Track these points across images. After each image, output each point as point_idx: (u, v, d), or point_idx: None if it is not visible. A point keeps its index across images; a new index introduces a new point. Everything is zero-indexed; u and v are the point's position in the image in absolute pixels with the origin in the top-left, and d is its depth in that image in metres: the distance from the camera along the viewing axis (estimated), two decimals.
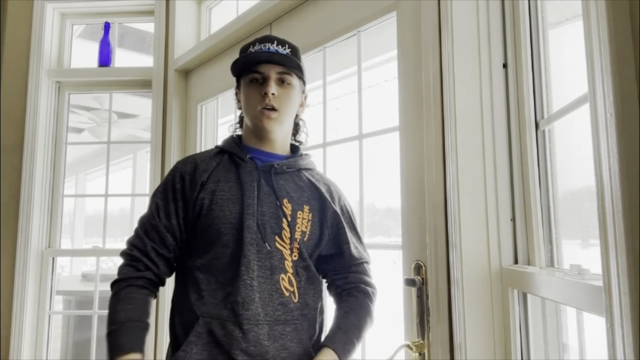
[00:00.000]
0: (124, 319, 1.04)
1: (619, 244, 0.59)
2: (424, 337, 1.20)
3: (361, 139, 1.51)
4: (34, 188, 2.33)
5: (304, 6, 1.73)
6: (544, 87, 1.09)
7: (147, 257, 1.12)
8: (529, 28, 1.12)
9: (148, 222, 1.15)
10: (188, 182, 1.14)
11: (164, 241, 1.13)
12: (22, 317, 2.25)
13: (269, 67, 1.15)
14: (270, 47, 1.16)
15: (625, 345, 0.59)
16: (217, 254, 1.10)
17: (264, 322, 1.06)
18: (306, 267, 1.14)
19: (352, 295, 1.20)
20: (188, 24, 2.48)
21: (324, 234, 1.18)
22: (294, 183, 1.19)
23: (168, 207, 1.14)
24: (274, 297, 1.08)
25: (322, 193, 1.20)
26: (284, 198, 1.15)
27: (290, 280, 1.11)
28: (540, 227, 1.06)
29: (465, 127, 1.12)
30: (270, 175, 1.16)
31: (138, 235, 1.15)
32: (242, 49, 1.22)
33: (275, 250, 1.10)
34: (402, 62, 1.34)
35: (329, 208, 1.19)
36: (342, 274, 1.22)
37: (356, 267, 1.23)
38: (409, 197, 1.28)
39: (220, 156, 1.20)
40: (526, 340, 1.05)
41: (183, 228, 1.14)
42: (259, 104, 1.14)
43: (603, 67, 0.63)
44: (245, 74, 1.18)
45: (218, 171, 1.16)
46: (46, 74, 2.44)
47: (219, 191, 1.12)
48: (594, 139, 0.65)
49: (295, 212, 1.14)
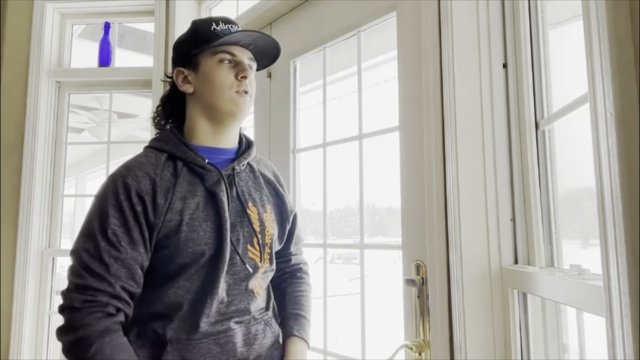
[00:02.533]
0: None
1: (619, 244, 0.59)
2: (424, 337, 1.20)
3: (361, 139, 1.51)
4: (34, 188, 2.33)
5: (304, 6, 1.73)
6: (544, 87, 1.09)
7: (118, 298, 0.92)
8: (529, 28, 1.12)
9: (108, 254, 0.92)
10: (149, 203, 0.96)
11: (133, 275, 0.94)
12: (22, 317, 2.24)
13: (242, 51, 1.07)
14: (238, 29, 1.08)
15: (625, 345, 0.59)
16: (190, 277, 0.99)
17: (238, 330, 1.04)
18: (272, 270, 1.14)
19: (296, 277, 1.24)
20: (188, 24, 2.47)
21: (285, 229, 1.17)
22: (252, 182, 1.12)
23: (131, 234, 0.95)
24: (249, 306, 1.06)
25: (276, 186, 1.17)
26: (249, 202, 1.08)
27: (261, 285, 1.10)
28: (540, 227, 1.06)
29: (465, 128, 1.12)
30: (234, 179, 1.07)
31: (93, 274, 0.91)
32: (200, 24, 1.09)
33: (249, 260, 1.06)
34: (402, 62, 1.34)
35: (286, 202, 1.17)
36: (285, 257, 1.25)
37: (297, 249, 1.27)
38: (409, 197, 1.28)
39: (171, 164, 1.03)
40: (526, 340, 1.05)
41: (149, 256, 0.97)
42: (234, 87, 1.04)
43: (603, 67, 0.63)
44: (210, 54, 1.05)
45: (180, 185, 1.00)
46: (46, 74, 2.44)
47: (187, 209, 0.98)
48: (594, 139, 0.65)
49: (261, 215, 1.10)
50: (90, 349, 0.86)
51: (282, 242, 1.18)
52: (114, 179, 0.99)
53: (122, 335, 0.92)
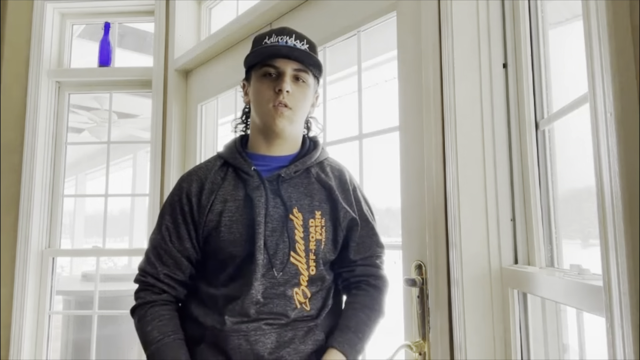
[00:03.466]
0: (160, 335, 1.04)
1: (619, 244, 0.59)
2: (424, 337, 1.20)
3: (361, 139, 1.51)
4: (34, 188, 2.33)
5: (304, 6, 1.73)
6: (544, 87, 1.09)
7: (162, 282, 1.10)
8: (529, 28, 1.12)
9: (160, 247, 1.11)
10: (195, 204, 1.09)
11: (180, 266, 1.10)
12: (22, 317, 2.25)
13: (286, 62, 1.07)
14: (289, 40, 1.09)
15: (625, 345, 0.59)
16: (229, 275, 1.08)
17: (272, 331, 1.04)
18: (321, 277, 1.10)
19: (361, 289, 1.15)
20: (188, 24, 2.48)
21: (338, 236, 1.12)
22: (303, 188, 1.12)
23: (179, 230, 1.10)
24: (287, 311, 1.05)
25: (333, 192, 1.13)
26: (294, 207, 1.08)
27: (305, 293, 1.08)
28: (540, 227, 1.06)
29: (465, 127, 1.12)
30: (278, 185, 1.09)
31: (149, 261, 1.12)
32: (256, 39, 1.15)
33: (290, 266, 1.06)
34: (402, 62, 1.34)
35: (340, 208, 1.12)
36: (349, 267, 1.16)
37: (363, 260, 1.16)
38: (409, 197, 1.28)
39: (224, 169, 1.13)
40: (526, 340, 1.05)
41: (198, 249, 1.11)
42: (271, 101, 1.07)
43: (603, 67, 0.63)
44: (258, 67, 1.10)
45: (224, 189, 1.10)
46: (46, 74, 2.44)
47: (227, 212, 1.07)
48: (594, 139, 0.65)
49: (307, 221, 1.09)
50: (134, 317, 1.10)
51: (336, 250, 1.13)
52: (178, 181, 1.16)
53: (165, 307, 1.08)
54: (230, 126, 1.25)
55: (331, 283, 1.15)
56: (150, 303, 1.08)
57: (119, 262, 7.37)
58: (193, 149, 2.33)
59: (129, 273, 4.13)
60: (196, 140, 2.32)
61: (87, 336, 2.63)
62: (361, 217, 1.16)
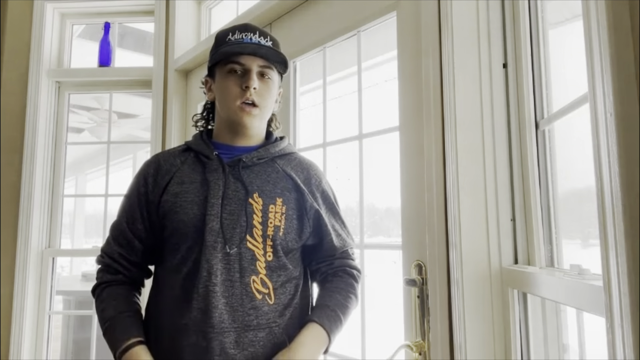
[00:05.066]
0: (113, 313, 1.06)
1: (619, 244, 0.59)
2: (424, 337, 1.20)
3: (361, 139, 1.51)
4: (34, 188, 2.33)
5: (304, 6, 1.73)
6: (544, 87, 1.09)
7: (117, 262, 1.12)
8: (529, 28, 1.12)
9: (117, 227, 1.14)
10: (151, 184, 1.11)
11: (132, 246, 1.12)
12: (22, 317, 2.24)
13: (252, 59, 1.08)
14: (253, 37, 1.09)
15: (625, 345, 0.59)
16: (183, 258, 1.05)
17: (231, 329, 1.00)
18: (282, 266, 1.08)
19: (337, 275, 1.17)
20: (188, 24, 2.48)
21: (304, 226, 1.11)
22: (266, 175, 1.11)
23: (133, 212, 1.12)
24: (244, 301, 1.02)
25: (298, 182, 1.13)
26: (254, 192, 1.08)
27: (264, 282, 1.05)
28: (540, 227, 1.06)
29: (465, 127, 1.12)
30: (239, 170, 1.09)
31: (108, 241, 1.15)
32: (218, 36, 1.14)
33: (246, 251, 1.04)
34: (402, 62, 1.34)
35: (307, 199, 1.12)
36: (326, 262, 1.18)
37: (340, 253, 1.18)
38: (409, 197, 1.28)
39: (186, 154, 1.15)
40: (526, 340, 1.05)
41: (150, 232, 1.12)
42: (238, 98, 1.08)
43: (603, 67, 0.63)
44: (223, 64, 1.10)
45: (182, 171, 1.11)
46: (46, 74, 2.44)
47: (183, 193, 1.08)
48: (594, 139, 0.65)
49: (267, 207, 1.07)
50: (95, 294, 1.12)
51: (300, 240, 1.11)
52: (141, 167, 1.17)
53: (121, 286, 1.11)
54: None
55: (298, 278, 1.13)
56: (106, 283, 1.11)
57: None
58: None
59: None
60: None
61: (87, 336, 2.63)
62: (331, 211, 1.18)
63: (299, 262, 1.15)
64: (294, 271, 1.11)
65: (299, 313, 1.10)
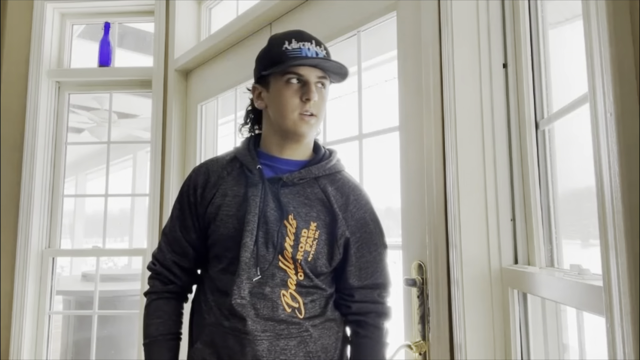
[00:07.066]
0: (155, 333, 1.13)
1: (619, 244, 0.59)
2: (424, 337, 1.20)
3: (361, 139, 1.51)
4: (34, 188, 2.33)
5: (303, 6, 1.73)
6: (544, 87, 1.09)
7: (169, 271, 1.16)
8: (529, 28, 1.12)
9: (170, 234, 1.18)
10: (199, 195, 1.14)
11: (186, 254, 1.16)
12: (22, 317, 2.25)
13: (310, 70, 1.07)
14: (310, 47, 1.08)
15: (625, 345, 0.59)
16: (222, 267, 1.10)
17: (264, 337, 1.03)
18: (313, 286, 1.08)
19: (359, 335, 1.12)
20: (188, 24, 2.48)
21: (334, 252, 1.09)
22: (304, 197, 1.09)
23: (185, 220, 1.16)
24: (275, 313, 1.04)
25: (334, 206, 1.09)
26: (290, 214, 1.07)
27: (294, 297, 1.06)
28: (540, 227, 1.06)
29: (465, 127, 1.12)
30: (278, 188, 1.08)
31: (161, 248, 1.19)
32: (273, 43, 1.11)
33: (278, 270, 1.06)
34: (402, 62, 1.34)
35: (339, 225, 1.09)
36: (345, 300, 1.14)
37: (360, 293, 1.12)
38: (409, 197, 1.28)
39: (232, 164, 1.15)
40: (526, 340, 1.05)
41: (201, 240, 1.15)
42: (297, 109, 1.06)
43: (603, 67, 0.63)
44: (280, 74, 1.07)
45: (227, 183, 1.12)
46: (46, 74, 2.44)
47: (225, 206, 1.10)
48: (594, 139, 0.65)
49: (300, 230, 1.06)
50: (146, 301, 1.17)
51: (330, 265, 1.09)
52: (190, 172, 1.20)
53: (169, 302, 1.16)
54: (235, 127, 1.28)
55: (331, 295, 1.13)
56: (156, 294, 1.16)
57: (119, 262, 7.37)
58: (193, 149, 2.33)
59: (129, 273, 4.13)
60: (196, 140, 2.32)
61: (87, 336, 2.63)
62: (367, 242, 1.12)
63: (333, 282, 1.15)
64: (327, 289, 1.12)
65: (331, 323, 1.11)
